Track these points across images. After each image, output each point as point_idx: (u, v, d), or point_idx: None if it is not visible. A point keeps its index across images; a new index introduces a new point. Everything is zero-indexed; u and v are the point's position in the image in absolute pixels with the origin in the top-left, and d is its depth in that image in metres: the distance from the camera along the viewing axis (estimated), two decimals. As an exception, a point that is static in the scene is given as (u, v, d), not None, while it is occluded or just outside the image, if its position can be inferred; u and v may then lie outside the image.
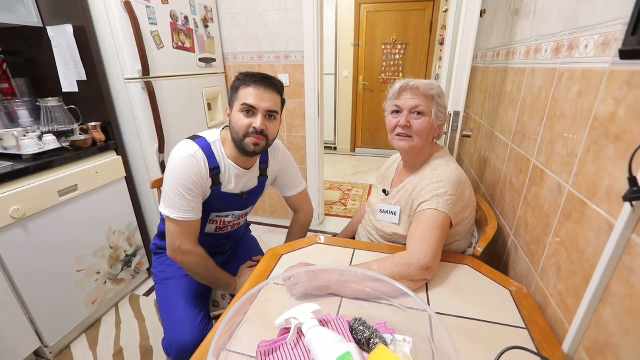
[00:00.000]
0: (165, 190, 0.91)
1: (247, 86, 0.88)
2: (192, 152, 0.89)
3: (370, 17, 3.80)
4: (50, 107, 1.39)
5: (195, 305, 0.98)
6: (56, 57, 1.42)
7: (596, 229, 0.57)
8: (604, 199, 0.56)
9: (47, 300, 1.28)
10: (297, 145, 2.27)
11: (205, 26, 1.94)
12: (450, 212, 0.81)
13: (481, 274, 0.83)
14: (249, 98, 0.87)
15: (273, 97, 0.90)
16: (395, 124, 0.91)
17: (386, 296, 0.64)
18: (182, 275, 1.04)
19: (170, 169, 0.90)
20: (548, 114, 0.81)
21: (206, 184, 0.93)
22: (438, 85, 0.89)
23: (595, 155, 0.60)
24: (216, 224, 1.07)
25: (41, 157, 1.27)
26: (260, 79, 0.88)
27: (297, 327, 0.58)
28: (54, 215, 1.27)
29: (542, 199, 0.80)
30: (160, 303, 1.02)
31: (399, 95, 0.91)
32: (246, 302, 0.60)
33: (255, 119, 0.88)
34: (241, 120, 0.88)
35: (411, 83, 0.88)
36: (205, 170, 0.91)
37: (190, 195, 0.90)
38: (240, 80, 0.90)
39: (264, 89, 0.88)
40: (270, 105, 0.89)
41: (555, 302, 0.69)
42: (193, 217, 0.92)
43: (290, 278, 0.71)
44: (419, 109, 0.88)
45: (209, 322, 0.97)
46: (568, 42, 0.73)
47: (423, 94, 0.88)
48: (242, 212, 1.10)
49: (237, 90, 0.90)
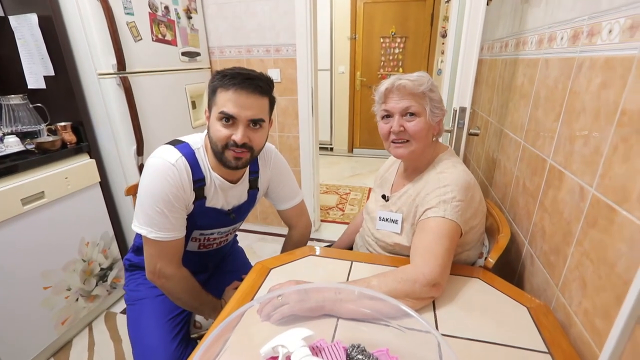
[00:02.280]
0: (141, 205, 0.81)
1: (226, 90, 0.77)
2: (172, 161, 0.80)
3: (367, 9, 3.78)
4: (13, 105, 1.33)
5: (170, 328, 0.92)
6: (20, 50, 1.37)
7: (628, 240, 0.53)
8: (637, 205, 0.52)
9: (9, 322, 1.21)
10: (289, 146, 2.22)
11: (188, 17, 1.89)
12: (459, 219, 0.77)
13: (494, 288, 0.78)
14: (228, 105, 0.76)
15: (258, 102, 0.79)
16: (387, 130, 0.86)
17: (387, 317, 0.59)
18: (156, 295, 0.97)
19: (146, 180, 0.81)
20: (566, 109, 0.77)
21: (189, 197, 0.84)
22: (427, 79, 0.84)
23: (624, 155, 0.56)
24: (199, 242, 1.00)
25: (2, 161, 1.21)
26: (241, 81, 0.76)
27: (286, 357, 0.53)
28: (16, 226, 1.21)
29: (561, 204, 0.76)
30: (131, 326, 0.95)
31: (386, 99, 0.86)
32: (227, 328, 0.55)
33: (235, 131, 0.78)
34: (219, 131, 0.79)
35: (397, 83, 0.82)
36: (188, 182, 0.82)
37: (171, 211, 0.81)
38: (217, 80, 0.78)
39: (246, 93, 0.77)
40: (254, 114, 0.78)
41: (580, 322, 0.64)
42: (175, 235, 0.84)
43: (279, 296, 0.66)
44: (411, 110, 0.83)
45: (186, 348, 0.91)
46: (588, 28, 0.69)
47: (411, 92, 0.82)
48: (229, 228, 1.01)
49: (214, 92, 0.79)
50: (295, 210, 1.10)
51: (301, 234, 1.15)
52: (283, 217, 1.12)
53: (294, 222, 1.13)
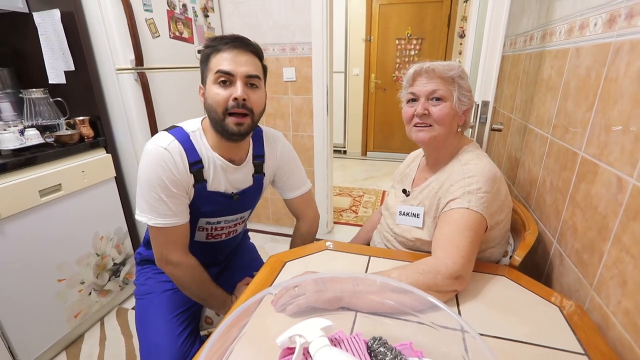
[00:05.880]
0: (140, 193, 0.82)
1: (219, 51, 0.78)
2: (164, 145, 0.80)
3: (383, 11, 3.78)
4: (34, 99, 1.36)
5: (176, 324, 0.90)
6: (42, 46, 1.40)
7: (677, 229, 0.49)
8: (687, 192, 0.48)
9: (23, 313, 1.22)
10: (303, 146, 2.21)
11: (205, 16, 1.92)
12: (484, 211, 0.73)
13: (522, 286, 0.74)
14: (223, 64, 0.77)
15: (251, 59, 0.79)
16: (411, 113, 0.85)
17: (414, 310, 0.56)
18: (163, 290, 0.97)
19: (142, 167, 0.81)
20: (600, 97, 0.73)
21: (187, 181, 0.84)
22: (458, 66, 0.82)
23: (670, 139, 0.52)
24: (207, 231, 0.98)
25: (22, 153, 1.23)
26: (232, 40, 0.78)
27: (303, 347, 0.51)
28: (33, 217, 1.23)
29: (595, 198, 0.72)
30: (138, 321, 0.95)
31: (414, 81, 0.85)
32: (242, 316, 0.53)
33: (234, 88, 0.78)
34: (218, 94, 0.78)
35: (425, 66, 0.82)
36: (183, 165, 0.82)
37: (168, 197, 0.81)
38: (209, 47, 0.79)
39: (238, 51, 0.78)
40: (249, 70, 0.78)
41: (620, 323, 0.60)
42: (176, 221, 0.83)
43: (296, 287, 0.64)
44: (438, 94, 0.81)
45: (193, 345, 0.90)
46: (626, 10, 0.66)
47: (440, 76, 0.81)
48: (236, 216, 1.00)
49: (207, 59, 0.80)
50: (302, 199, 1.08)
51: (309, 225, 1.12)
52: (290, 206, 1.11)
53: (301, 212, 1.11)
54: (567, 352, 0.57)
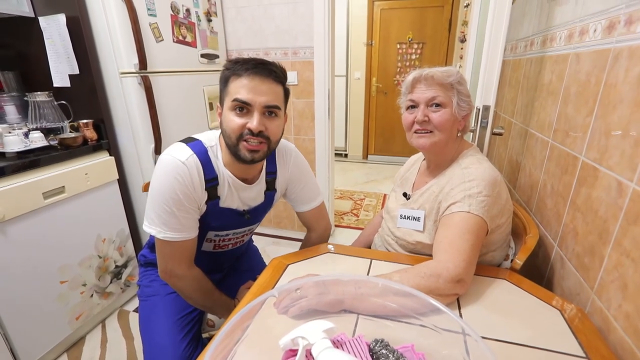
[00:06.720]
0: (151, 204, 0.79)
1: (239, 76, 0.74)
2: (183, 159, 0.77)
3: (384, 15, 3.80)
4: (39, 102, 1.37)
5: (180, 327, 0.90)
6: (48, 50, 1.42)
7: (677, 233, 0.49)
8: (686, 196, 0.48)
9: (25, 315, 1.23)
10: (305, 149, 2.22)
11: (208, 20, 1.94)
12: (485, 215, 0.74)
13: (523, 290, 0.75)
14: (241, 92, 0.73)
15: (272, 88, 0.76)
16: (411, 120, 0.86)
17: (413, 312, 0.56)
18: (167, 292, 0.97)
19: (156, 179, 0.78)
20: (600, 102, 0.74)
21: (201, 197, 0.81)
22: (456, 72, 0.83)
23: (669, 144, 0.53)
24: (214, 242, 0.98)
25: (26, 156, 1.25)
26: (254, 66, 0.74)
27: (306, 349, 0.51)
28: (37, 219, 1.24)
29: (595, 202, 0.73)
30: (142, 323, 0.95)
31: (413, 88, 0.86)
32: (244, 318, 0.54)
33: (250, 119, 0.75)
34: (233, 121, 0.75)
35: (424, 72, 0.83)
36: (199, 182, 0.79)
37: (180, 211, 0.78)
38: (229, 69, 0.76)
39: (260, 79, 0.74)
40: (269, 100, 0.75)
41: (621, 327, 0.60)
42: (185, 236, 0.81)
43: (298, 290, 0.64)
44: (437, 100, 0.82)
45: (196, 348, 0.90)
46: (625, 17, 0.67)
47: (439, 83, 0.82)
48: (244, 229, 0.99)
49: (226, 82, 0.77)
50: (315, 212, 1.03)
51: (320, 236, 1.09)
52: (302, 219, 1.06)
53: (313, 225, 1.07)
54: (568, 356, 0.57)
